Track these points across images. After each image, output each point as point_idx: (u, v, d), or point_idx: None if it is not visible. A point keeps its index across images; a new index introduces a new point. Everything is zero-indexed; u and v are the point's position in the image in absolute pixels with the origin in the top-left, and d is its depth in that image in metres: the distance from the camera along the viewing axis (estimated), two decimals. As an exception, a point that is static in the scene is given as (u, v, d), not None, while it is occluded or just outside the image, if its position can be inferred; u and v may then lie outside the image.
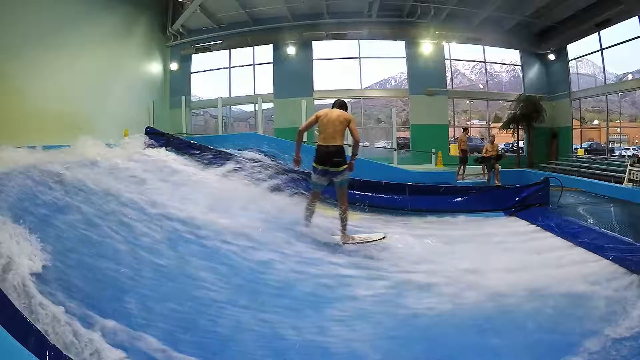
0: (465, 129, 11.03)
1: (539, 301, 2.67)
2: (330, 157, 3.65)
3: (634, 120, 14.08)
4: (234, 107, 16.30)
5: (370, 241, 3.72)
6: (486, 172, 8.95)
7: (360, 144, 4.04)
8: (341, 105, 4.05)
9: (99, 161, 4.91)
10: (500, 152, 9.82)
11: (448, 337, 2.28)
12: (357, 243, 3.67)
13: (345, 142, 3.91)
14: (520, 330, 2.34)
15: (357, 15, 13.67)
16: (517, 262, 3.38)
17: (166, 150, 6.28)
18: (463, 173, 10.07)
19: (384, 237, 3.78)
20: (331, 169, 3.68)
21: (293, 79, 14.38)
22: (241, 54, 15.09)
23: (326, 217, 4.26)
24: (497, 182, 8.13)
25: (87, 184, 4.01)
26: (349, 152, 4.27)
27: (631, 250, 3.33)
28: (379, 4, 12.70)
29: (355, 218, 5.01)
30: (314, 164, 3.73)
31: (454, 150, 13.00)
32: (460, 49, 15.04)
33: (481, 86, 15.97)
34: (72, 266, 2.51)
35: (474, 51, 15.15)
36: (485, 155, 8.81)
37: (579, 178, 9.46)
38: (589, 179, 9.14)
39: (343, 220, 3.78)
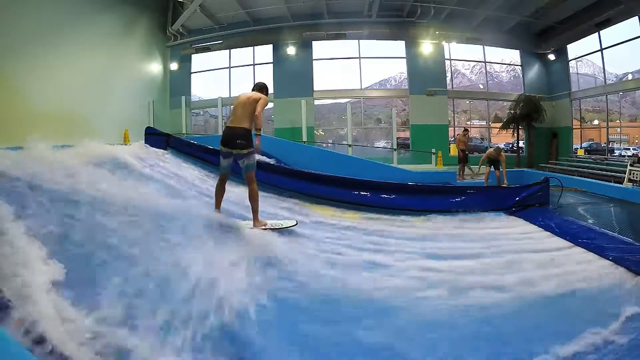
0: (465, 130, 11.05)
1: (539, 301, 2.67)
2: (234, 139, 3.56)
3: (634, 120, 14.08)
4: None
5: (282, 227, 3.73)
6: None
7: (360, 144, 3.97)
8: (261, 87, 3.89)
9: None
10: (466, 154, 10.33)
11: (447, 336, 2.28)
12: (268, 229, 3.63)
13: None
14: (519, 329, 2.34)
15: (357, 15, 13.68)
16: (517, 262, 3.38)
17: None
18: (462, 173, 10.07)
19: (295, 224, 3.87)
20: (234, 152, 3.59)
21: (293, 79, 14.39)
22: (241, 54, 15.11)
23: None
24: (504, 182, 7.88)
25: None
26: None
27: (631, 250, 3.33)
28: (379, 4, 12.71)
29: (355, 218, 5.02)
30: (220, 146, 3.66)
31: (454, 150, 13.01)
32: (460, 49, 15.06)
33: (481, 86, 15.97)
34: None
35: (474, 51, 15.17)
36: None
37: (579, 178, 9.47)
38: (589, 179, 9.14)
39: (253, 205, 3.67)
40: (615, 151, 13.52)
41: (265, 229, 3.63)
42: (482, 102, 15.86)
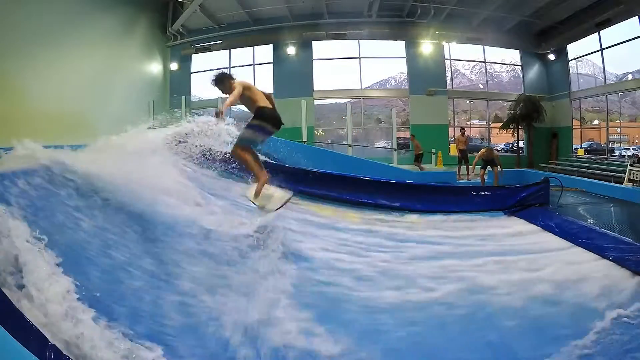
0: (462, 129, 11.07)
1: (539, 301, 2.67)
2: (280, 122, 3.63)
3: (634, 120, 14.07)
4: (234, 107, 16.20)
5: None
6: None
7: (360, 144, 3.89)
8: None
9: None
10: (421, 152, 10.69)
11: (446, 335, 2.28)
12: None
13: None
14: (518, 328, 2.34)
15: (357, 15, 13.68)
16: (517, 262, 3.38)
17: None
18: (468, 173, 10.06)
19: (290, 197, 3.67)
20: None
21: (293, 79, 14.38)
22: (241, 54, 15.10)
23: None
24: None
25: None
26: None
27: (631, 250, 3.33)
28: (379, 4, 12.71)
29: (355, 218, 5.02)
30: (267, 126, 3.57)
31: (454, 150, 13.01)
32: (460, 49, 15.05)
33: (481, 86, 15.97)
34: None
35: (474, 51, 15.17)
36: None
37: (579, 178, 9.46)
38: (589, 179, 9.14)
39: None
40: (615, 151, 13.52)
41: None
42: (482, 102, 15.87)
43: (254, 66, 15.08)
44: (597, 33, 12.63)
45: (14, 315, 1.55)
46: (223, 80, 3.68)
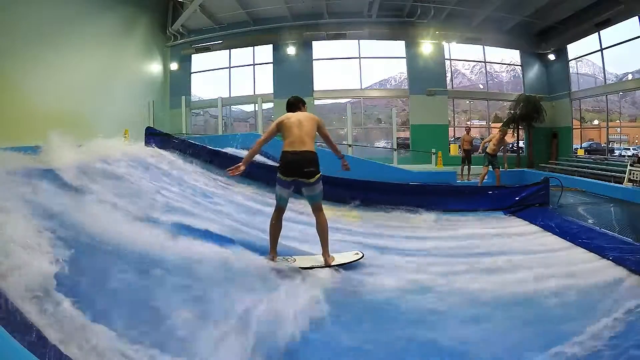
0: (468, 129, 11.05)
1: (538, 301, 2.67)
2: (302, 167, 3.06)
3: (634, 120, 14.07)
4: (234, 107, 16.31)
5: (351, 262, 3.27)
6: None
7: (360, 144, 3.68)
8: (302, 103, 3.45)
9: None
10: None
11: (445, 334, 2.28)
12: (336, 265, 3.18)
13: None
14: (518, 328, 2.35)
15: (357, 15, 13.69)
16: (517, 262, 3.38)
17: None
18: (468, 173, 10.06)
19: (362, 257, 3.34)
20: (301, 180, 3.09)
21: (293, 79, 14.38)
22: (241, 54, 15.11)
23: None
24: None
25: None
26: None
27: (631, 250, 3.33)
28: (379, 4, 12.71)
29: (352, 215, 5.02)
30: (280, 175, 3.11)
31: (454, 150, 13.01)
32: (460, 49, 15.05)
33: (481, 86, 15.97)
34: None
35: (474, 51, 15.17)
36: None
37: (579, 178, 9.47)
38: (589, 179, 9.14)
39: (324, 237, 3.19)
40: (615, 151, 13.53)
41: (333, 265, 3.16)
42: (482, 102, 15.87)
43: (254, 66, 15.09)
44: (597, 33, 12.63)
45: (14, 315, 1.55)
46: (296, 104, 3.41)
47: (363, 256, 3.35)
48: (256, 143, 3.19)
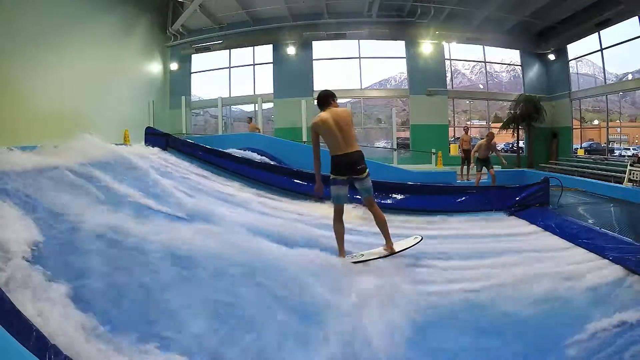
0: (466, 129, 11.05)
1: (538, 301, 2.67)
2: (355, 166, 3.29)
3: (634, 120, 14.09)
4: (234, 107, 16.31)
5: (411, 246, 3.52)
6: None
7: (360, 144, 3.70)
8: (333, 97, 3.45)
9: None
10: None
11: (446, 335, 2.28)
12: (400, 251, 3.44)
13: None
14: (518, 328, 2.34)
15: (357, 15, 13.69)
16: (516, 262, 3.38)
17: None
18: (468, 173, 10.05)
19: (421, 239, 3.59)
20: (354, 177, 3.32)
21: (293, 79, 14.40)
22: (241, 54, 15.11)
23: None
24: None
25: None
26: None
27: (631, 250, 3.33)
28: (379, 4, 12.72)
29: (352, 216, 5.01)
30: (333, 176, 3.33)
31: (454, 150, 13.02)
32: (460, 49, 15.07)
33: (481, 86, 15.98)
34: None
35: (474, 51, 15.18)
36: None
37: (579, 178, 9.46)
38: (589, 179, 9.14)
39: (385, 229, 3.43)
40: (615, 151, 13.53)
41: (399, 251, 3.40)
42: (482, 102, 15.88)
43: (254, 66, 15.09)
44: (597, 33, 12.63)
45: (14, 315, 1.55)
46: (326, 101, 3.43)
47: (422, 239, 3.61)
48: (315, 159, 3.45)
